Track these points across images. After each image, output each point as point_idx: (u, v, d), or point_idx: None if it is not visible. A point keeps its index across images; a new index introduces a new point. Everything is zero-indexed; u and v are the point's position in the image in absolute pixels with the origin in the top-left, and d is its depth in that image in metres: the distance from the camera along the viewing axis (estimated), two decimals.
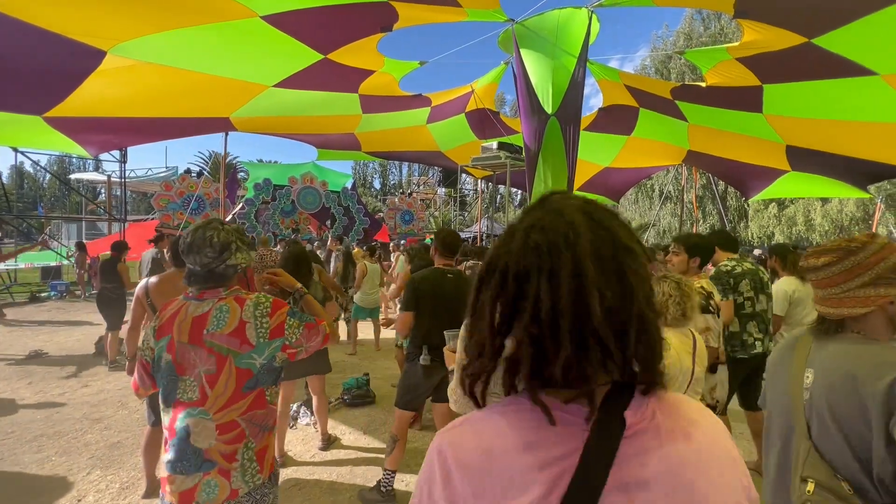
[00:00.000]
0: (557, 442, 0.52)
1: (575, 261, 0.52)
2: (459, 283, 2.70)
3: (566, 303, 0.51)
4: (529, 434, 0.53)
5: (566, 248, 0.52)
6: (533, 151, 4.80)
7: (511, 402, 0.57)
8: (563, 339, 0.51)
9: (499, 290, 0.56)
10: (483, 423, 0.56)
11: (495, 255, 0.59)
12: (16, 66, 3.59)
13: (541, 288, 0.52)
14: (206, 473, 1.48)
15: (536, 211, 0.58)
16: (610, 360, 0.51)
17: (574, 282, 0.51)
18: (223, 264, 1.56)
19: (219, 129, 6.30)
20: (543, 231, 0.54)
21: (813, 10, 3.49)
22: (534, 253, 0.54)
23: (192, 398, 1.49)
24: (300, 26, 3.93)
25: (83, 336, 6.69)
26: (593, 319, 0.50)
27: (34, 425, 3.70)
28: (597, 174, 8.99)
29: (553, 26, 4.76)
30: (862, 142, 5.04)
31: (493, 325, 0.57)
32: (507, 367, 0.56)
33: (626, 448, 0.51)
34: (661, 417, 0.54)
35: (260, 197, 13.21)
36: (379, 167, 45.97)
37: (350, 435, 3.70)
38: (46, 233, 15.43)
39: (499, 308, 0.56)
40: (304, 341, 1.59)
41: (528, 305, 0.53)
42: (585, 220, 0.54)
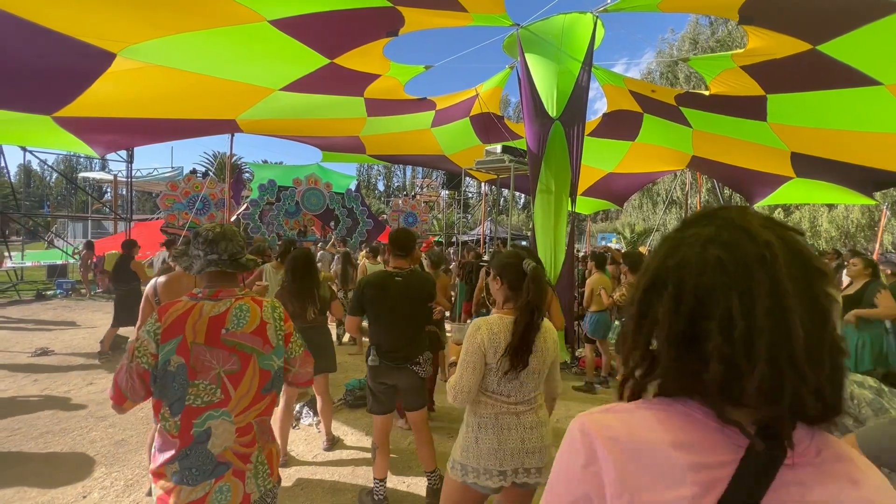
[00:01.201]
0: (712, 450, 0.52)
1: (773, 281, 0.51)
2: (408, 284, 2.65)
3: (763, 323, 0.50)
4: (681, 434, 0.53)
5: (761, 268, 0.51)
6: (536, 155, 4.82)
7: (657, 403, 0.57)
8: (759, 360, 0.50)
9: (673, 305, 0.55)
10: (629, 414, 0.57)
11: (664, 269, 0.58)
12: (27, 67, 3.64)
13: (733, 308, 0.51)
14: (219, 479, 1.43)
15: (707, 225, 0.57)
16: (803, 385, 0.50)
17: (771, 301, 0.50)
18: (244, 257, 1.62)
19: (225, 131, 6.35)
20: (728, 248, 0.54)
21: (818, 17, 3.50)
22: (720, 271, 0.53)
23: (212, 401, 1.44)
24: (307, 31, 3.97)
25: (88, 334, 6.74)
26: (794, 342, 0.49)
27: (40, 422, 3.74)
28: (600, 179, 9.00)
29: (558, 31, 4.79)
30: (867, 151, 5.02)
31: (673, 338, 0.55)
32: (684, 378, 0.55)
33: (786, 475, 0.50)
34: (827, 457, 0.52)
35: (264, 198, 13.29)
36: (383, 169, 46.11)
37: (352, 435, 3.71)
38: (53, 231, 15.56)
39: (674, 324, 0.55)
40: (297, 363, 1.63)
41: (715, 324, 0.52)
42: (778, 238, 0.53)
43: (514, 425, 1.70)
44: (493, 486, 1.68)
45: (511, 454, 1.68)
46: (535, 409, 1.75)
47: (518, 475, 1.68)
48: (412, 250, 2.79)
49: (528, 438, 1.70)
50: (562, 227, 4.96)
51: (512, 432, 1.69)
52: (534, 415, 1.74)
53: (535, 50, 4.92)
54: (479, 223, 18.52)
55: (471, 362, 1.68)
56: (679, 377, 0.56)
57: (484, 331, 1.70)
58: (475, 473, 1.69)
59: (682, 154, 7.52)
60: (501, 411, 1.71)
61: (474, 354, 1.68)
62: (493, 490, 1.69)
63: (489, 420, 1.71)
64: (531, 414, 1.73)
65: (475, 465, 1.70)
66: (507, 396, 1.71)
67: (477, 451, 1.70)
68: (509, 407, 1.71)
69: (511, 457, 1.68)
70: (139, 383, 1.41)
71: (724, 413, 0.52)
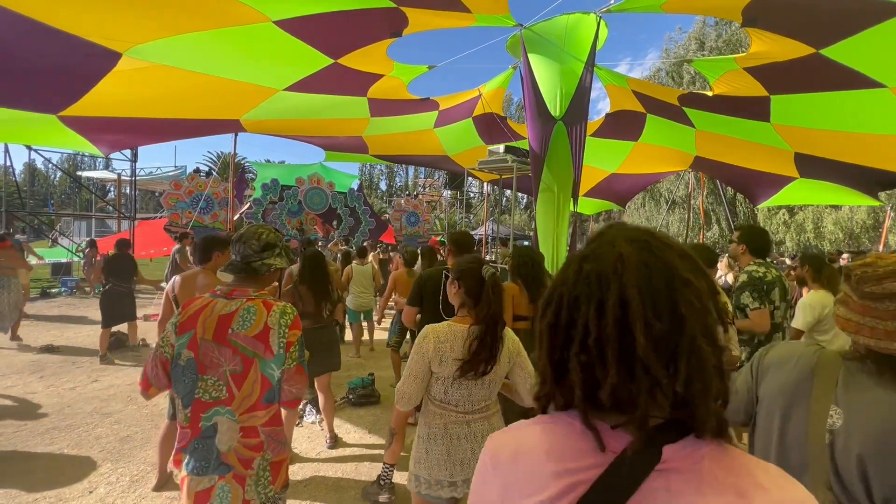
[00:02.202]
0: (580, 456, 0.54)
1: (621, 290, 0.53)
2: None
3: (611, 331, 0.52)
4: (555, 443, 0.57)
5: (614, 278, 0.54)
6: (539, 155, 4.83)
7: (557, 416, 0.61)
8: (610, 367, 0.52)
9: (554, 319, 0.59)
10: (523, 429, 0.62)
11: (553, 287, 0.62)
12: (33, 66, 3.67)
13: (589, 316, 0.54)
14: (221, 477, 1.46)
15: (593, 242, 0.61)
16: (659, 390, 0.51)
17: (619, 311, 0.52)
18: (260, 261, 1.62)
19: (229, 131, 6.38)
20: (595, 260, 0.57)
21: (822, 21, 3.49)
22: (584, 282, 0.56)
23: (219, 397, 1.48)
24: (312, 31, 3.99)
25: (93, 331, 6.78)
26: (637, 348, 0.51)
27: (46, 419, 3.77)
28: (603, 180, 8.98)
29: (561, 31, 4.79)
30: (872, 152, 5.00)
31: (551, 353, 0.59)
32: (561, 391, 0.59)
33: (655, 481, 0.50)
34: (712, 466, 0.51)
35: (267, 197, 13.33)
36: (385, 169, 46.15)
37: (355, 433, 3.73)
38: (57, 229, 15.65)
39: (555, 337, 0.59)
40: (286, 375, 1.55)
41: (578, 333, 0.55)
42: (637, 250, 0.55)
43: (464, 435, 1.66)
44: (444, 497, 1.65)
45: (461, 464, 1.64)
46: (486, 417, 1.70)
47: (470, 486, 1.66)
48: (471, 249, 2.94)
49: (480, 448, 1.64)
50: (564, 227, 4.97)
51: (462, 442, 1.65)
52: (486, 423, 1.70)
53: (538, 50, 4.92)
54: (482, 223, 18.53)
55: (414, 371, 1.64)
56: (564, 389, 0.58)
57: (431, 340, 1.65)
58: (427, 484, 1.66)
59: (685, 154, 7.51)
60: (451, 420, 1.66)
61: (418, 364, 1.64)
62: (445, 501, 1.66)
63: (439, 430, 1.67)
64: (483, 422, 1.69)
65: (426, 476, 1.66)
66: (456, 406, 1.66)
67: (427, 461, 1.66)
68: (458, 416, 1.66)
69: (461, 467, 1.64)
70: (161, 371, 1.52)
71: (587, 419, 0.55)
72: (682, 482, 0.50)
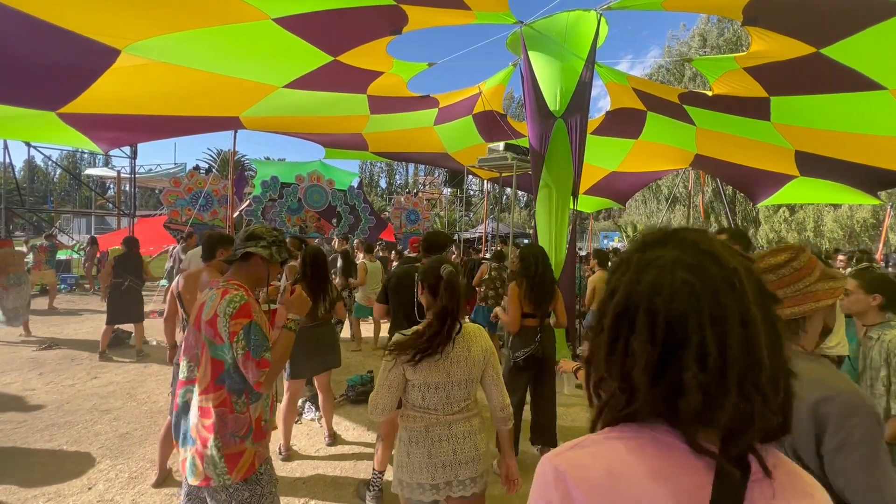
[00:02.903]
0: (686, 475, 0.52)
1: (743, 309, 0.51)
2: None
3: (735, 352, 0.50)
4: (656, 463, 0.53)
5: (730, 295, 0.51)
6: (539, 153, 4.82)
7: (626, 431, 0.57)
8: (731, 388, 0.50)
9: (650, 333, 0.54)
10: (600, 448, 0.56)
11: (634, 292, 0.56)
12: (32, 63, 3.66)
13: (706, 335, 0.51)
14: (189, 449, 1.60)
15: (669, 247, 0.57)
16: (767, 408, 0.51)
17: (742, 331, 0.51)
18: (243, 249, 1.68)
19: (228, 128, 6.37)
20: (696, 272, 0.53)
21: (822, 20, 3.47)
22: (690, 296, 0.52)
23: (191, 377, 1.64)
24: (311, 29, 3.98)
25: (92, 328, 6.79)
26: (762, 371, 0.50)
27: (45, 415, 3.78)
28: (603, 178, 8.98)
29: (562, 28, 4.78)
30: (872, 151, 5.00)
31: (650, 368, 0.54)
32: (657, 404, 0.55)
33: (752, 491, 0.51)
34: (781, 472, 0.54)
35: (267, 194, 13.30)
36: (385, 167, 46.07)
37: (354, 431, 3.74)
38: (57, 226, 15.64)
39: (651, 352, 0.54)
40: (238, 361, 1.56)
41: (691, 353, 0.51)
42: (744, 264, 0.54)
43: (445, 436, 1.65)
44: (427, 501, 1.65)
45: (442, 467, 1.63)
46: (468, 417, 1.69)
47: (453, 488, 1.64)
48: (440, 250, 2.95)
49: (461, 449, 1.65)
50: (564, 225, 4.97)
51: (443, 444, 1.64)
52: (467, 423, 1.69)
53: (538, 47, 4.91)
54: (482, 221, 18.52)
55: (387, 380, 1.64)
56: (654, 404, 0.55)
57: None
58: (409, 488, 1.66)
59: (686, 152, 7.50)
60: (432, 423, 1.66)
61: (392, 372, 1.63)
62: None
63: (419, 434, 1.66)
64: (464, 423, 1.68)
65: (409, 480, 1.66)
66: (436, 409, 1.65)
67: (409, 465, 1.66)
68: (439, 418, 1.66)
69: (443, 469, 1.63)
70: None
71: (697, 443, 0.53)
72: (771, 490, 0.52)
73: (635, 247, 0.61)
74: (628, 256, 0.61)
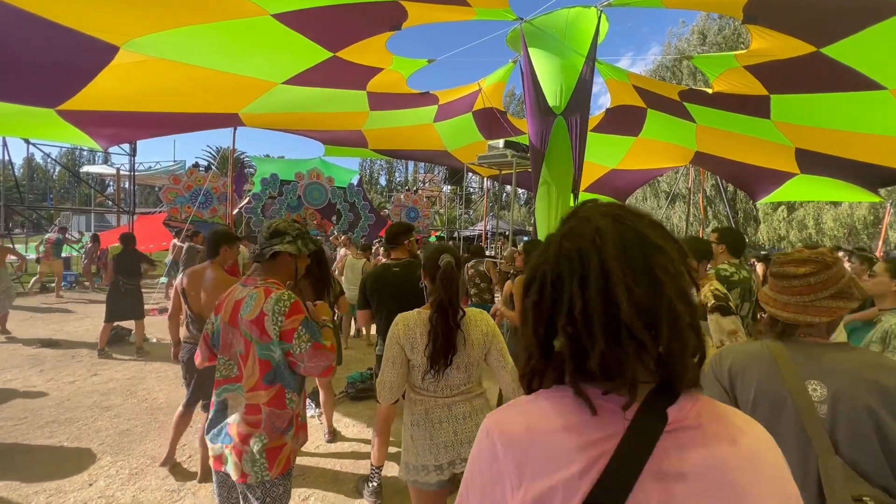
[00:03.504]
0: (597, 427, 0.55)
1: (601, 262, 0.55)
2: (406, 274, 2.70)
3: (595, 301, 0.55)
4: (570, 418, 0.57)
5: (593, 252, 0.56)
6: (539, 150, 4.81)
7: (556, 390, 0.61)
8: (597, 335, 0.54)
9: (538, 296, 0.61)
10: (528, 405, 0.61)
11: (535, 266, 0.63)
12: (31, 60, 3.65)
13: (573, 290, 0.56)
14: (227, 446, 1.60)
15: (570, 221, 0.63)
16: (644, 353, 0.54)
17: (602, 281, 0.55)
18: (270, 249, 1.70)
19: (228, 125, 6.35)
20: (574, 238, 0.59)
21: (822, 18, 3.46)
22: (566, 259, 0.58)
23: (229, 375, 1.64)
24: (311, 25, 3.96)
25: (92, 325, 6.79)
26: (622, 314, 0.53)
27: (46, 412, 3.79)
28: (603, 175, 8.97)
29: (562, 25, 4.76)
30: (873, 150, 5.00)
31: (537, 330, 0.62)
32: (554, 365, 0.61)
33: (666, 441, 0.53)
34: (706, 420, 0.56)
35: (267, 192, 13.29)
36: (385, 164, 45.99)
37: (354, 427, 3.75)
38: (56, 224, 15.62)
39: (540, 313, 0.61)
40: (305, 358, 1.59)
41: (564, 308, 0.57)
42: (611, 223, 0.58)
43: (445, 418, 1.68)
44: (432, 482, 1.66)
45: (444, 447, 1.65)
46: (468, 399, 1.71)
47: (456, 466, 1.66)
48: (400, 241, 2.85)
49: (461, 429, 1.67)
50: None
51: (444, 425, 1.67)
52: (467, 405, 1.71)
53: (538, 44, 4.89)
54: (482, 219, 18.51)
55: (389, 357, 1.67)
56: (546, 362, 0.62)
57: (400, 326, 1.69)
58: (415, 471, 1.68)
59: (686, 150, 7.48)
60: (431, 406, 1.69)
61: (392, 349, 1.67)
62: (433, 485, 1.67)
63: (420, 417, 1.69)
64: (464, 404, 1.70)
65: (414, 463, 1.69)
66: (434, 392, 1.69)
67: (414, 448, 1.70)
68: (438, 401, 1.69)
69: (445, 450, 1.65)
70: (203, 344, 1.75)
71: (579, 389, 0.57)
72: (688, 438, 0.54)
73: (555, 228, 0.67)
74: (545, 237, 0.67)
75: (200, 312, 2.89)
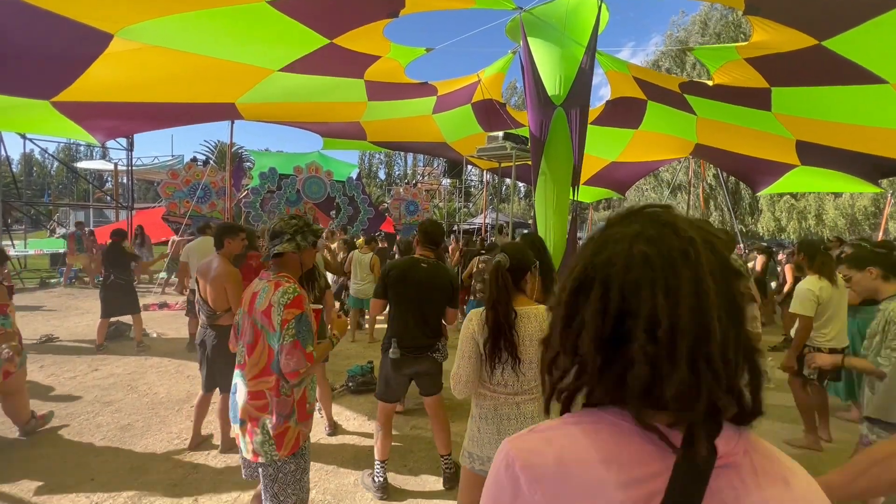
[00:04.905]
0: (641, 462, 0.49)
1: (697, 279, 0.49)
2: (433, 274, 2.69)
3: (686, 322, 0.48)
4: (607, 449, 0.50)
5: (684, 264, 0.50)
6: (539, 142, 4.76)
7: (587, 414, 0.55)
8: (680, 361, 0.48)
9: (601, 305, 0.53)
10: (555, 432, 0.54)
11: (589, 265, 0.56)
12: (23, 50, 3.59)
13: (657, 304, 0.49)
14: (239, 427, 1.77)
15: (632, 223, 0.56)
16: (718, 388, 0.48)
17: (694, 300, 0.49)
18: (272, 250, 1.85)
19: (225, 117, 6.29)
20: (653, 243, 0.52)
21: (824, 11, 3.42)
22: (645, 265, 0.51)
23: (241, 361, 1.81)
24: (307, 11, 3.90)
25: (92, 321, 6.77)
26: (711, 343, 0.48)
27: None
28: (603, 168, 8.92)
29: (562, 15, 4.68)
30: (873, 142, 4.97)
31: (600, 341, 0.52)
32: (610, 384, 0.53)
33: (717, 479, 0.48)
34: (755, 457, 0.51)
35: (265, 186, 13.22)
36: (384, 157, 45.78)
37: (354, 421, 3.75)
38: (55, 219, 15.58)
39: (604, 324, 0.52)
40: (283, 351, 1.69)
41: (642, 322, 0.50)
42: (700, 237, 0.52)
43: (513, 415, 1.73)
44: None
45: None
46: (536, 398, 1.76)
47: None
48: (439, 243, 2.85)
49: (528, 426, 1.68)
50: (563, 215, 4.93)
51: (511, 422, 1.72)
52: (535, 404, 1.75)
53: (538, 34, 4.81)
54: (481, 212, 18.46)
55: (465, 352, 1.73)
56: (606, 383, 0.53)
57: (475, 322, 1.74)
58: (480, 461, 1.76)
59: (686, 142, 7.43)
60: (500, 402, 1.74)
61: (466, 343, 1.73)
62: None
63: (489, 411, 1.75)
64: (532, 403, 1.75)
65: (479, 454, 1.77)
66: (505, 387, 1.73)
67: (479, 440, 1.77)
68: (507, 398, 1.73)
69: None
70: (232, 332, 1.95)
71: (642, 417, 0.50)
72: (740, 478, 0.49)
73: (601, 227, 0.60)
74: (593, 235, 0.60)
75: (208, 300, 3.09)
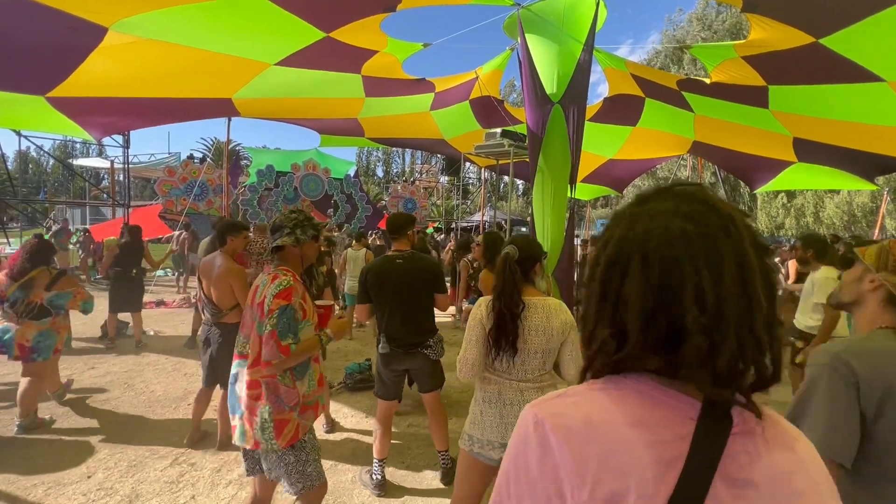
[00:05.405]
0: (666, 425, 0.51)
1: (739, 252, 0.51)
2: (411, 266, 2.67)
3: (732, 293, 0.50)
4: (634, 412, 0.52)
5: (726, 239, 0.52)
6: (537, 138, 4.76)
7: (610, 381, 0.56)
8: (730, 331, 0.50)
9: (644, 278, 0.53)
10: (580, 396, 0.56)
11: (625, 241, 0.56)
12: (16, 43, 3.55)
13: (702, 278, 0.50)
14: (239, 418, 1.81)
15: (665, 200, 0.56)
16: (761, 357, 0.51)
17: (738, 272, 0.51)
18: (273, 244, 1.91)
19: (222, 114, 6.26)
20: (691, 220, 0.53)
21: (822, 8, 3.43)
22: (685, 241, 0.52)
23: (243, 352, 1.85)
24: (303, 4, 3.87)
25: (89, 319, 6.68)
26: (756, 313, 0.50)
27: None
28: (600, 166, 8.93)
29: (560, 11, 4.67)
30: (870, 139, 4.99)
31: (645, 315, 0.53)
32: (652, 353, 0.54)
33: (733, 445, 0.51)
34: (766, 424, 0.53)
35: (263, 183, 13.19)
36: (382, 155, 45.73)
37: (352, 418, 3.76)
38: (51, 217, 15.50)
39: (647, 297, 0.53)
40: (263, 340, 1.75)
41: (689, 296, 0.51)
42: (738, 213, 0.55)
43: (516, 401, 1.76)
44: (495, 457, 1.75)
45: (513, 427, 1.68)
46: (541, 387, 1.78)
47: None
48: (404, 232, 2.78)
49: None
50: (561, 212, 4.93)
51: (514, 407, 1.76)
52: (538, 392, 1.76)
53: (535, 31, 4.80)
54: (479, 209, 18.45)
55: (472, 336, 1.78)
56: (644, 352, 0.54)
57: (483, 307, 1.79)
58: (480, 444, 1.80)
59: (684, 139, 7.44)
60: (505, 387, 1.78)
61: (474, 329, 1.77)
62: (496, 461, 1.75)
63: (493, 395, 1.79)
64: (535, 392, 1.77)
65: (479, 437, 1.80)
66: (510, 374, 1.77)
67: (482, 423, 1.80)
68: (512, 384, 1.77)
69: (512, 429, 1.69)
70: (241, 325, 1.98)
71: (706, 386, 0.51)
72: (753, 444, 0.51)
73: (631, 202, 0.61)
74: (623, 210, 0.60)
75: (213, 298, 3.10)
